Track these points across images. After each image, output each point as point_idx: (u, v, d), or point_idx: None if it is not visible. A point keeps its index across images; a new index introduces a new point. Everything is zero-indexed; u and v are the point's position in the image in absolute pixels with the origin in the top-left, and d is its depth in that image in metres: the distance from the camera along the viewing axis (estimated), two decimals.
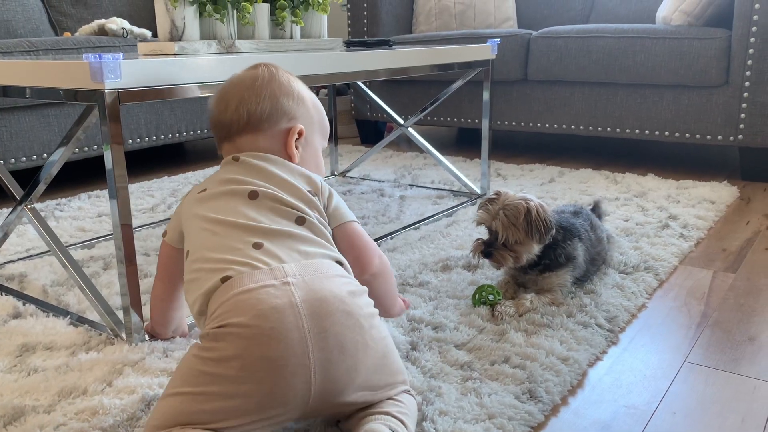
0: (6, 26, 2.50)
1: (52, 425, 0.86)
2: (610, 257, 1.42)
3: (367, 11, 2.96)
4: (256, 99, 0.94)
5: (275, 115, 0.95)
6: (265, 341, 0.73)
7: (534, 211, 1.19)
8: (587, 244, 1.29)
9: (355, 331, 0.77)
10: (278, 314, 0.74)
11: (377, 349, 0.79)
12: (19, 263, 1.50)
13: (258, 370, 0.72)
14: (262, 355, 0.72)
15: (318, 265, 0.81)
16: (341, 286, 0.79)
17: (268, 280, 0.77)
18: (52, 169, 1.25)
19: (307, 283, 0.77)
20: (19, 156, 2.04)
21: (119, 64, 0.97)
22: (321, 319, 0.75)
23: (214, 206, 0.87)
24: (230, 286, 0.77)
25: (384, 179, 2.30)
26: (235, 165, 0.93)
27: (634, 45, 2.30)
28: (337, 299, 0.77)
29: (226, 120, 0.95)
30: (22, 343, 1.09)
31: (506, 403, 0.90)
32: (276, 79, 0.96)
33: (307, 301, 0.75)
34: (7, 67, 1.14)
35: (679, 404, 0.94)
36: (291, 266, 0.79)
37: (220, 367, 0.73)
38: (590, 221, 1.35)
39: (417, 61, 1.66)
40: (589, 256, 1.30)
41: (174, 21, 1.30)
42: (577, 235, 1.27)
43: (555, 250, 1.24)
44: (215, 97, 0.98)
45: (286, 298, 0.75)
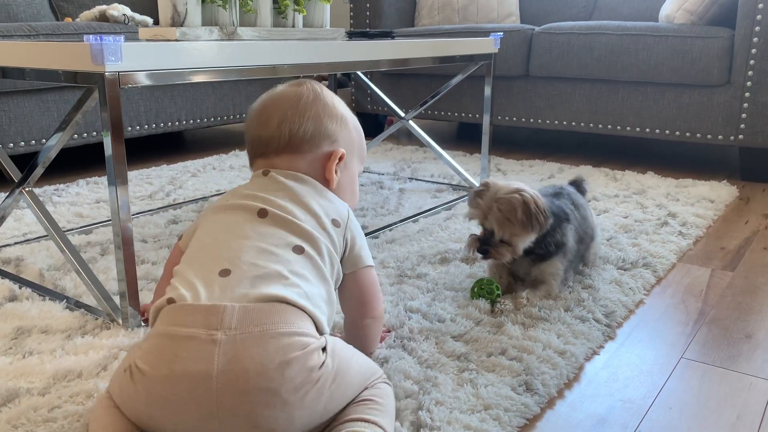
0: (6, 10, 2.48)
1: (46, 407, 0.86)
2: (596, 234, 1.38)
3: (370, 3, 2.95)
4: (299, 118, 0.90)
5: (318, 137, 0.91)
6: (170, 408, 0.70)
7: (532, 204, 1.16)
8: (575, 225, 1.26)
9: (275, 409, 0.70)
10: (189, 383, 0.69)
11: (314, 411, 0.72)
12: (16, 247, 1.49)
13: (160, 424, 0.71)
14: (166, 415, 0.71)
15: (266, 315, 0.73)
16: (276, 353, 0.70)
17: (198, 328, 0.71)
18: (51, 153, 1.25)
19: (235, 346, 0.70)
20: (18, 141, 2.03)
21: (120, 46, 0.97)
22: (235, 397, 0.69)
23: (223, 218, 0.85)
24: (167, 315, 0.75)
25: (383, 172, 2.29)
26: (262, 179, 0.90)
27: (636, 43, 2.29)
28: (261, 375, 0.69)
29: (265, 136, 0.91)
30: (17, 326, 1.09)
31: (502, 394, 0.90)
32: (321, 100, 0.93)
33: (226, 372, 0.69)
34: (6, 48, 1.13)
35: (675, 399, 0.94)
36: (233, 310, 0.72)
37: (134, 401, 0.72)
38: (572, 200, 1.31)
39: (419, 52, 1.65)
40: (577, 236, 1.27)
41: (176, 6, 1.29)
42: (565, 218, 1.24)
43: (545, 238, 1.21)
44: (254, 110, 0.94)
45: (204, 365, 0.69)
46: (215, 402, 0.69)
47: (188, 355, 0.70)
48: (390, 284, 1.28)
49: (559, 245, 1.22)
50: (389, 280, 1.30)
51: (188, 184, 2.10)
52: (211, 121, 2.59)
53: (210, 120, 2.58)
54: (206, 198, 1.94)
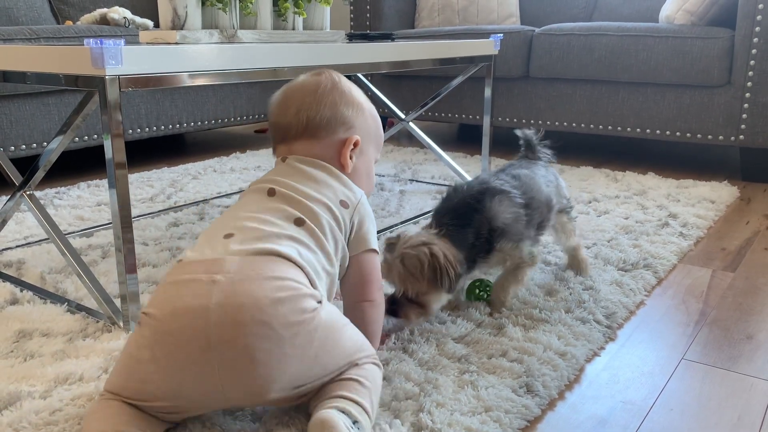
0: (7, 14, 2.49)
1: (47, 411, 0.86)
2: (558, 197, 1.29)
3: (370, 5, 2.95)
4: (316, 106, 0.96)
5: (334, 123, 0.96)
6: (170, 341, 0.74)
7: (441, 257, 1.04)
8: (509, 197, 1.14)
9: (270, 342, 0.74)
10: (188, 317, 0.74)
11: (305, 355, 0.76)
12: (18, 250, 1.50)
13: (164, 366, 0.75)
14: (167, 352, 0.74)
15: (262, 264, 0.79)
16: (270, 291, 0.76)
17: (200, 274, 0.77)
18: (52, 156, 1.25)
19: (233, 285, 0.75)
20: (19, 144, 2.04)
21: (120, 50, 0.97)
22: (231, 328, 0.73)
23: (241, 201, 0.92)
24: (175, 269, 0.81)
25: (384, 173, 2.29)
26: (280, 165, 0.96)
27: (636, 43, 2.29)
28: (256, 307, 0.74)
29: (284, 123, 0.97)
30: (19, 329, 1.09)
31: (503, 396, 0.90)
32: (338, 88, 0.98)
33: (223, 305, 0.74)
34: (7, 52, 1.13)
35: (676, 401, 0.94)
36: (234, 261, 0.78)
37: (138, 350, 0.77)
38: (511, 173, 1.22)
39: (419, 54, 1.65)
40: (521, 201, 1.15)
41: (176, 10, 1.30)
42: (486, 200, 1.11)
43: (480, 239, 1.11)
44: (276, 98, 1.00)
45: (204, 300, 0.74)
46: (213, 333, 0.73)
47: (190, 293, 0.76)
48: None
49: (491, 231, 1.11)
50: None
51: (189, 187, 2.10)
52: (212, 123, 2.60)
53: (211, 122, 2.59)
54: (207, 201, 1.94)
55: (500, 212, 1.12)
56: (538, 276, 1.34)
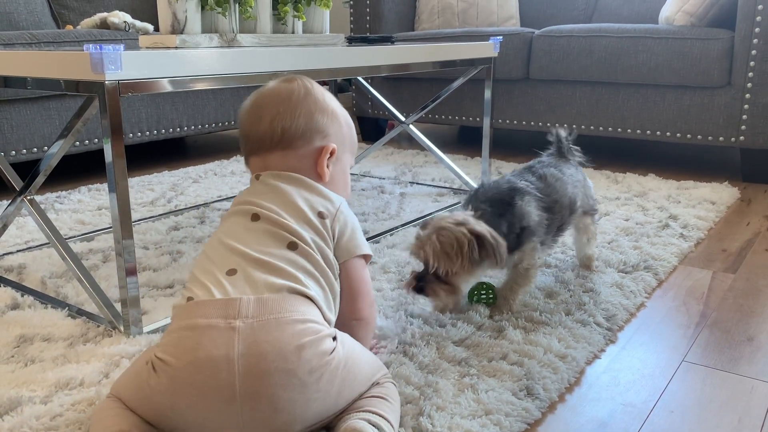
0: (8, 18, 2.49)
1: (48, 416, 0.86)
2: (585, 198, 1.30)
3: (370, 8, 2.96)
4: (291, 115, 0.92)
5: (310, 132, 0.92)
6: (192, 392, 0.73)
7: (488, 234, 1.04)
8: (535, 196, 1.15)
9: (294, 391, 0.73)
10: (212, 368, 0.72)
11: (328, 394, 0.76)
12: (18, 255, 1.50)
13: (185, 414, 0.73)
14: (190, 403, 0.73)
15: (279, 304, 0.76)
16: (293, 337, 0.74)
17: (217, 318, 0.75)
18: (52, 161, 1.25)
19: (254, 332, 0.74)
20: (20, 148, 2.04)
21: (120, 55, 0.97)
22: (256, 379, 0.72)
23: (225, 228, 0.88)
24: (185, 312, 0.78)
25: (384, 176, 2.30)
26: (255, 184, 0.93)
27: (636, 45, 2.29)
28: (280, 357, 0.73)
29: (258, 134, 0.93)
30: (19, 334, 1.09)
31: (503, 399, 0.90)
32: (312, 95, 0.94)
33: (246, 356, 0.72)
34: (8, 58, 1.13)
35: (677, 403, 0.94)
36: (249, 302, 0.76)
37: (155, 395, 0.75)
38: (539, 173, 1.21)
39: (419, 57, 1.65)
40: (543, 204, 1.16)
41: (176, 14, 1.30)
42: (516, 198, 1.12)
43: (512, 234, 1.11)
44: (246, 108, 0.95)
45: (225, 350, 0.72)
46: (237, 384, 0.72)
47: (210, 342, 0.73)
48: (391, 289, 1.29)
49: (519, 231, 1.11)
50: (390, 285, 1.30)
51: (189, 191, 2.10)
52: (212, 126, 2.60)
53: (211, 126, 2.59)
54: (207, 204, 1.94)
55: (530, 213, 1.13)
56: (539, 278, 1.34)
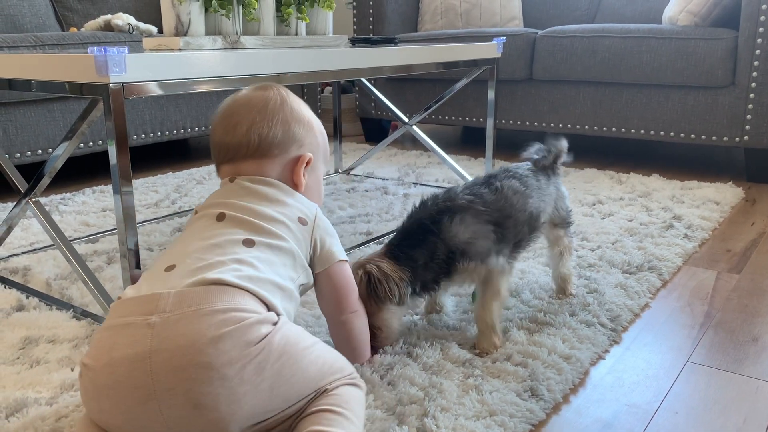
0: (12, 21, 2.50)
1: (53, 417, 0.86)
2: (555, 209, 1.21)
3: (373, 9, 2.96)
4: (268, 123, 0.91)
5: (286, 141, 0.92)
6: (111, 393, 0.71)
7: (375, 271, 1.00)
8: (473, 214, 1.05)
9: (213, 384, 0.69)
10: (127, 367, 0.70)
11: (257, 389, 0.71)
12: (23, 256, 1.50)
13: (113, 416, 0.72)
14: (111, 404, 0.71)
15: (200, 297, 0.73)
16: (209, 328, 0.70)
17: (134, 316, 0.72)
18: (57, 163, 1.26)
19: (169, 326, 0.70)
20: (25, 150, 2.05)
21: (124, 57, 0.98)
22: (170, 375, 0.69)
23: (190, 226, 0.87)
24: (110, 313, 0.76)
25: (388, 177, 2.30)
26: (229, 186, 0.91)
27: (639, 45, 2.29)
28: (194, 350, 0.69)
29: (232, 142, 0.92)
30: (25, 335, 1.10)
31: (508, 400, 0.90)
32: (287, 104, 0.94)
33: (159, 351, 0.69)
34: (13, 61, 1.14)
35: (681, 404, 0.93)
36: (169, 296, 0.73)
37: (85, 399, 0.74)
38: (495, 184, 1.12)
39: (422, 58, 1.65)
40: (488, 218, 1.06)
41: (179, 16, 1.30)
42: (443, 220, 1.04)
43: (436, 260, 1.03)
44: (219, 115, 0.94)
45: (139, 347, 0.70)
46: (152, 382, 0.69)
47: (125, 341, 0.71)
48: None
49: (452, 252, 1.03)
50: None
51: (194, 192, 2.11)
52: None
53: None
54: None
55: (459, 232, 1.04)
56: (543, 279, 1.34)
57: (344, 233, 1.65)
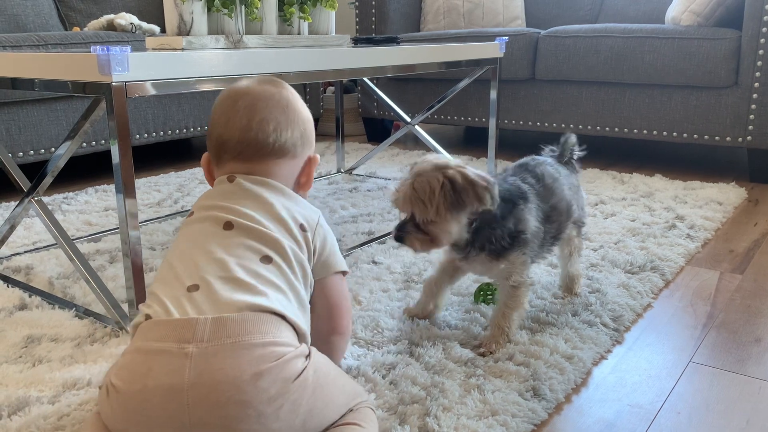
0: (16, 20, 2.51)
1: (56, 416, 0.86)
2: (578, 206, 1.21)
3: (376, 9, 2.96)
4: (291, 124, 0.88)
5: (304, 143, 0.90)
6: (141, 420, 0.69)
7: (459, 178, 0.96)
8: (535, 203, 1.07)
9: (249, 422, 0.68)
10: (162, 397, 0.68)
11: (291, 425, 0.71)
12: (26, 255, 1.51)
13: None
14: (141, 430, 0.70)
15: (239, 326, 0.71)
16: (249, 364, 0.69)
17: (170, 342, 0.70)
18: (59, 162, 1.26)
19: (207, 359, 0.68)
20: (27, 149, 2.05)
21: (127, 56, 0.98)
22: (207, 411, 0.67)
23: (190, 233, 0.82)
24: (141, 331, 0.74)
25: (390, 177, 2.30)
26: (228, 186, 0.86)
27: (642, 45, 2.29)
28: (234, 386, 0.67)
29: (254, 141, 0.86)
30: (27, 334, 1.10)
31: (510, 400, 0.90)
32: (300, 103, 0.91)
33: (198, 385, 0.68)
34: (16, 60, 1.14)
35: (684, 404, 0.93)
36: (206, 322, 0.71)
37: (110, 417, 0.72)
38: (537, 173, 1.12)
39: (424, 58, 1.65)
40: (542, 214, 1.08)
41: (182, 15, 1.30)
42: (519, 199, 1.05)
43: (495, 230, 1.02)
44: (232, 109, 0.87)
45: (176, 378, 0.68)
46: (187, 416, 0.67)
47: (160, 368, 0.69)
48: (397, 290, 1.29)
49: (515, 236, 1.03)
50: (396, 286, 1.30)
51: (196, 191, 2.11)
52: None
53: None
54: None
55: (529, 221, 1.05)
56: (545, 279, 1.34)
57: (346, 233, 1.65)
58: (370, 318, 1.15)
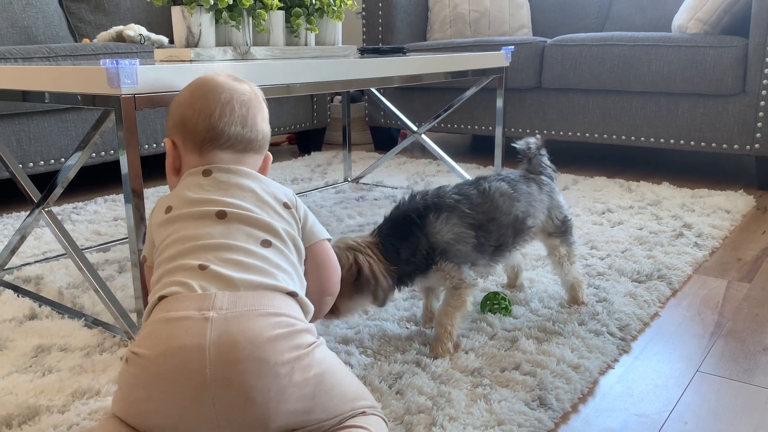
0: (26, 32, 2.54)
1: (65, 425, 0.87)
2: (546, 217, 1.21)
3: (382, 19, 2.98)
4: (265, 119, 0.95)
5: (267, 140, 0.96)
6: (165, 381, 0.72)
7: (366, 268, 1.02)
8: (458, 215, 1.08)
9: (267, 380, 0.72)
10: (183, 356, 0.71)
11: (303, 393, 0.74)
12: (36, 265, 1.52)
13: (162, 404, 0.72)
14: (163, 392, 0.72)
15: (254, 299, 0.76)
16: (265, 329, 0.73)
17: (191, 311, 0.74)
18: (69, 173, 1.27)
19: (227, 322, 0.73)
20: (38, 160, 2.07)
21: (135, 69, 0.99)
22: (227, 366, 0.71)
23: (182, 228, 0.84)
24: (160, 307, 0.77)
25: (397, 186, 2.30)
26: (205, 180, 0.88)
27: (649, 53, 2.29)
28: (252, 345, 0.72)
29: (245, 134, 0.91)
30: (37, 344, 1.11)
31: (516, 409, 0.90)
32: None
33: (218, 344, 0.71)
34: (26, 73, 1.16)
35: (691, 414, 0.93)
36: (223, 296, 0.75)
37: (132, 390, 0.74)
38: (481, 186, 1.14)
39: (431, 68, 1.66)
40: (472, 221, 1.09)
41: (190, 27, 1.32)
42: (431, 219, 1.07)
43: (417, 255, 1.06)
44: (213, 99, 0.90)
45: (198, 339, 0.72)
46: (208, 372, 0.71)
47: (182, 332, 0.73)
48: (404, 299, 1.29)
49: (432, 249, 1.06)
50: (402, 295, 1.31)
51: None
52: None
53: None
54: None
55: (442, 230, 1.06)
56: (551, 288, 1.34)
57: None
58: (377, 327, 1.16)
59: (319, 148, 3.09)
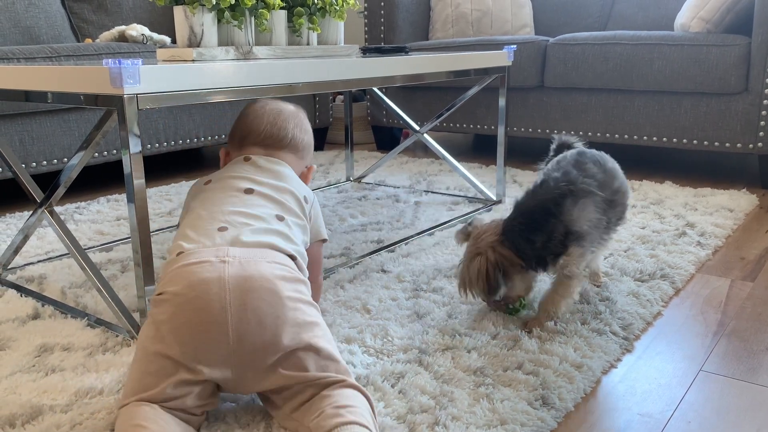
0: (29, 32, 2.54)
1: (68, 425, 0.87)
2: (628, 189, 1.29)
3: (384, 18, 2.98)
4: (302, 129, 1.17)
5: (307, 147, 1.18)
6: (189, 308, 0.82)
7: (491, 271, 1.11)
8: (593, 201, 1.13)
9: (276, 308, 0.84)
10: (205, 285, 0.83)
11: (301, 328, 0.85)
12: (39, 265, 1.52)
13: (182, 333, 0.82)
14: (186, 319, 0.82)
15: (262, 253, 0.89)
16: (274, 269, 0.87)
17: (209, 257, 0.86)
18: (72, 173, 1.27)
19: (241, 263, 0.86)
20: (40, 160, 2.07)
21: (138, 69, 0.99)
22: (244, 293, 0.83)
23: (212, 196, 1.01)
24: (179, 259, 0.88)
25: (399, 185, 2.30)
26: (245, 164, 1.08)
27: (651, 52, 2.28)
28: (264, 278, 0.85)
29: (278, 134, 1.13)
30: (40, 343, 1.11)
31: (519, 409, 0.90)
32: (307, 121, 1.21)
33: (235, 276, 0.84)
34: (29, 73, 1.16)
35: (694, 413, 0.93)
36: (236, 250, 0.88)
37: (157, 330, 0.84)
38: (595, 157, 1.23)
39: (433, 67, 1.66)
40: (604, 198, 1.15)
41: (192, 27, 1.32)
42: (569, 207, 1.11)
43: (553, 241, 1.10)
44: (262, 112, 1.14)
45: (217, 273, 0.84)
46: (228, 297, 0.82)
47: (203, 270, 0.85)
48: (406, 298, 1.29)
49: (568, 234, 1.10)
50: (405, 294, 1.31)
51: None
52: None
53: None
54: None
55: (581, 218, 1.12)
56: None
57: (355, 241, 1.66)
58: (380, 327, 1.16)
59: (321, 147, 3.09)
